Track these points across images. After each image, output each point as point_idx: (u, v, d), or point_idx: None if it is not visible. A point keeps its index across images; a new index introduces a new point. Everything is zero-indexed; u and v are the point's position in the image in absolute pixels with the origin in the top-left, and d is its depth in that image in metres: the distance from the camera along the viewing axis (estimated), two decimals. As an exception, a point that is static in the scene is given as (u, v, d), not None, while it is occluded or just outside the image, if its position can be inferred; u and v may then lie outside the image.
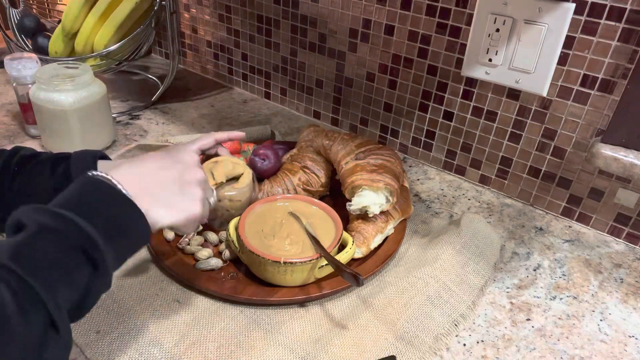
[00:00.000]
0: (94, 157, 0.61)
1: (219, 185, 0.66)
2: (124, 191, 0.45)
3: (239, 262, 0.65)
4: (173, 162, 0.52)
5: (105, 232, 0.42)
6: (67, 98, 0.82)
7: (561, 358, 0.57)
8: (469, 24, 0.78)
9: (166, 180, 0.50)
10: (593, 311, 0.63)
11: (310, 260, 0.59)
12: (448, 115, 0.87)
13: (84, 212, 0.41)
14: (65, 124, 0.83)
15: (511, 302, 0.64)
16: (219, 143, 0.68)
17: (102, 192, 0.44)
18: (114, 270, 0.44)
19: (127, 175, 0.47)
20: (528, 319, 0.61)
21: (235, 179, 0.68)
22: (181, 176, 0.52)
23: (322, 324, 0.58)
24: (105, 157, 0.62)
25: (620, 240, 0.76)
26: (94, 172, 0.45)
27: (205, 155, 0.75)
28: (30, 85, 0.87)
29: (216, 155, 0.68)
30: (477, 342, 0.58)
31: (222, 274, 0.64)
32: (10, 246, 0.38)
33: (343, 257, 0.62)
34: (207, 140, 0.65)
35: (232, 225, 0.65)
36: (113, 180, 0.45)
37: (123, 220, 0.44)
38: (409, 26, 0.85)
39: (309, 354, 0.54)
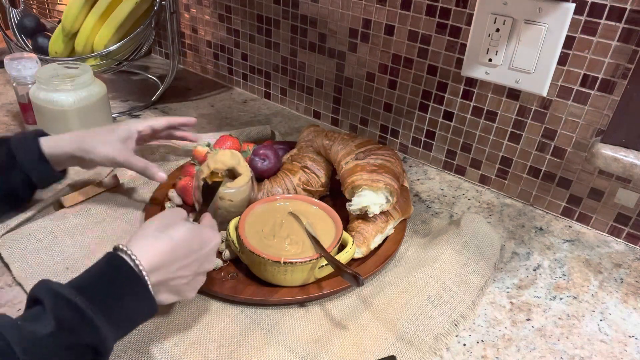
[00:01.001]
0: (34, 136, 0.66)
1: (220, 184, 0.66)
2: (145, 278, 0.46)
3: (239, 262, 0.65)
4: (199, 248, 0.52)
5: (118, 327, 0.45)
6: (67, 98, 0.82)
7: (561, 358, 0.57)
8: (469, 24, 0.78)
9: (185, 273, 0.51)
10: (593, 311, 0.63)
11: (310, 260, 0.59)
12: (448, 115, 0.87)
13: (103, 307, 0.44)
14: (65, 124, 0.83)
15: (511, 302, 0.64)
16: (172, 126, 0.77)
17: (124, 279, 0.46)
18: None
19: (153, 253, 0.48)
20: (528, 319, 0.61)
21: (235, 178, 0.68)
22: (199, 267, 0.53)
23: (322, 324, 0.58)
24: (44, 134, 0.67)
25: (620, 240, 0.76)
26: (122, 248, 0.47)
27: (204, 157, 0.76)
28: (30, 85, 0.87)
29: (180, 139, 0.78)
30: (477, 342, 0.58)
31: (222, 274, 0.64)
32: (26, 340, 0.40)
33: (343, 257, 0.62)
34: (159, 122, 0.74)
35: (232, 225, 0.65)
36: (139, 267, 0.46)
37: (137, 315, 0.48)
38: (409, 26, 0.85)
39: (309, 354, 0.54)
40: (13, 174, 0.65)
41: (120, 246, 0.47)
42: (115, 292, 0.45)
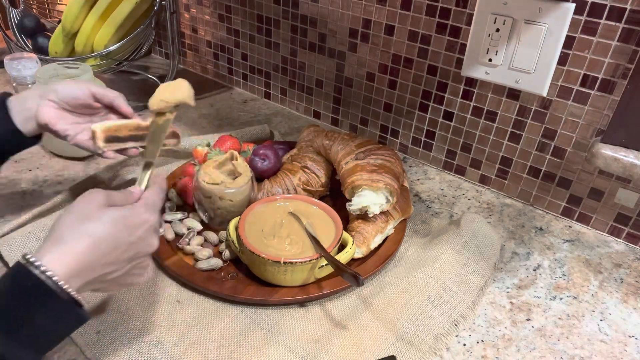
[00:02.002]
0: (2, 104, 0.61)
1: (219, 184, 0.66)
2: (63, 289, 0.41)
3: (239, 262, 0.65)
4: (128, 235, 0.46)
5: (35, 345, 0.41)
6: (67, 98, 0.81)
7: (561, 358, 0.57)
8: (469, 24, 0.78)
9: (117, 267, 0.46)
10: (593, 311, 0.63)
11: (310, 260, 0.59)
12: (448, 115, 0.87)
13: (9, 329, 0.39)
14: (65, 124, 0.83)
15: (511, 302, 0.64)
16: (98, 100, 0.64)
17: (34, 297, 0.41)
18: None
19: (70, 258, 0.42)
20: (528, 319, 0.61)
21: (235, 178, 0.68)
22: (136, 254, 0.48)
23: (322, 324, 0.58)
24: (8, 95, 0.62)
25: (620, 240, 0.76)
26: (30, 260, 0.41)
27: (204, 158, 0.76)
28: (30, 85, 0.87)
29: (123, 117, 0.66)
30: (477, 342, 0.58)
31: (222, 274, 0.64)
32: None
33: (343, 257, 0.62)
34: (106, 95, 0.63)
35: (232, 225, 0.65)
36: (52, 278, 0.41)
37: (60, 328, 0.43)
38: (409, 26, 0.85)
39: (309, 354, 0.54)
40: None
41: (28, 257, 0.41)
42: (24, 311, 0.40)
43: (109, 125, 0.62)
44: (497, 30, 0.74)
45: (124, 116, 0.66)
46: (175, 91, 0.63)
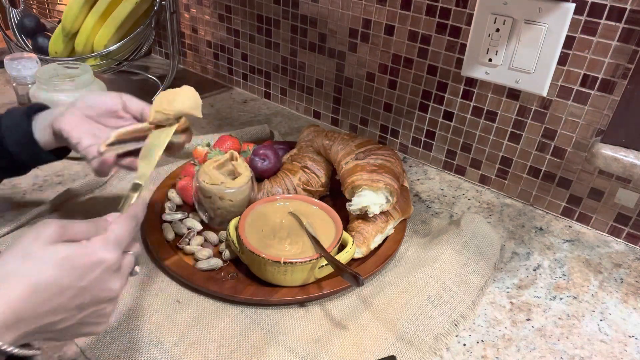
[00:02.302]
0: (26, 114, 0.56)
1: (219, 184, 0.66)
2: None
3: (239, 262, 0.65)
4: (78, 279, 0.39)
5: None
6: (67, 98, 0.82)
7: (561, 358, 0.57)
8: (469, 24, 0.78)
9: (68, 314, 0.39)
10: (593, 311, 0.63)
11: (310, 260, 0.59)
12: (448, 115, 0.87)
13: None
14: (65, 124, 0.83)
15: (511, 302, 0.64)
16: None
17: None
18: None
19: (2, 305, 0.35)
20: (528, 319, 0.61)
21: (235, 178, 0.68)
22: (91, 299, 0.40)
23: (322, 324, 0.58)
24: (42, 108, 0.58)
25: (620, 240, 0.76)
26: None
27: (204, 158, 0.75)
28: (30, 85, 0.87)
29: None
30: (477, 342, 0.58)
31: (222, 274, 0.64)
32: None
33: (343, 257, 0.62)
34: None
35: (232, 225, 0.65)
36: None
37: None
38: (409, 26, 0.85)
39: (309, 354, 0.54)
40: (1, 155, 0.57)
41: None
42: None
43: (125, 131, 0.55)
44: (497, 30, 0.74)
45: None
46: (175, 100, 0.56)
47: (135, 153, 0.56)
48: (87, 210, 0.73)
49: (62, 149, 0.60)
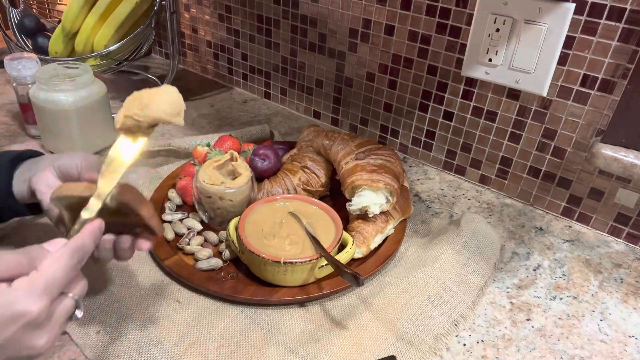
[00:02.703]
0: (12, 163, 0.53)
1: (219, 184, 0.66)
2: None
3: (239, 262, 0.65)
4: None
5: None
6: (67, 98, 0.82)
7: (561, 358, 0.57)
8: (469, 24, 0.78)
9: None
10: (593, 311, 0.63)
11: (310, 260, 0.59)
12: (448, 115, 0.87)
13: None
14: (65, 124, 0.83)
15: (511, 302, 0.64)
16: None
17: None
18: None
19: None
20: (528, 319, 0.61)
21: (234, 178, 0.68)
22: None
23: (322, 324, 0.58)
24: (33, 155, 0.54)
25: (620, 240, 0.76)
26: None
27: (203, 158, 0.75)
28: (30, 85, 0.87)
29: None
30: (477, 342, 0.58)
31: (222, 274, 0.64)
32: None
33: (343, 257, 0.62)
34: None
35: (232, 225, 0.65)
36: None
37: None
38: (409, 26, 0.85)
39: (308, 354, 0.54)
40: None
41: None
42: None
43: (66, 189, 0.45)
44: (497, 30, 0.74)
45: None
46: (151, 104, 0.43)
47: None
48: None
49: (37, 205, 0.55)
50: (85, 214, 0.41)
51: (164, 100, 0.44)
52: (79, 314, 0.39)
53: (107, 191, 0.43)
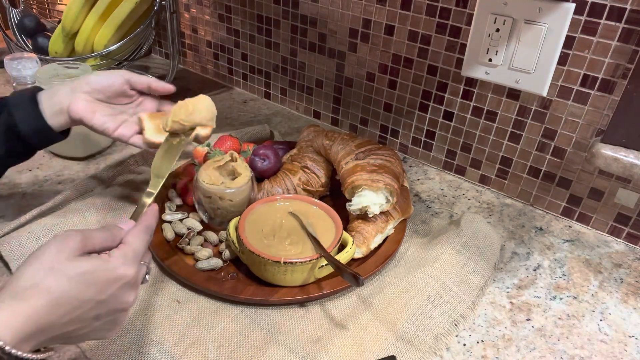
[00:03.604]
0: (31, 100, 0.59)
1: (219, 184, 0.66)
2: (12, 354, 0.35)
3: (239, 262, 0.65)
4: (97, 293, 0.40)
5: None
6: (67, 98, 0.81)
7: (561, 358, 0.57)
8: (469, 24, 0.78)
9: (83, 324, 0.40)
10: (593, 311, 0.63)
11: (310, 260, 0.59)
12: (448, 115, 0.87)
13: None
14: (65, 124, 0.83)
15: (511, 302, 0.64)
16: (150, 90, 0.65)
17: None
18: None
19: (21, 319, 0.36)
20: (528, 319, 0.61)
21: (234, 178, 0.68)
22: (107, 312, 0.42)
23: (322, 324, 0.58)
24: (39, 89, 0.60)
25: (620, 240, 0.76)
26: None
27: (204, 158, 0.75)
28: (30, 85, 0.87)
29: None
30: (477, 342, 0.58)
31: (222, 274, 0.64)
32: None
33: (343, 257, 0.62)
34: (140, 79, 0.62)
35: (232, 225, 0.65)
36: None
37: None
38: (409, 26, 0.85)
39: (308, 354, 0.54)
40: (9, 136, 0.59)
41: None
42: None
43: (156, 114, 0.61)
44: (497, 30, 0.74)
45: (162, 98, 0.66)
46: (194, 112, 0.60)
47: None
48: (85, 213, 0.73)
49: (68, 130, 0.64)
50: (147, 200, 0.52)
51: (203, 108, 0.60)
52: (147, 277, 0.48)
53: (158, 185, 0.55)
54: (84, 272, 0.40)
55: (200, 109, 0.60)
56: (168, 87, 0.64)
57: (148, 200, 0.52)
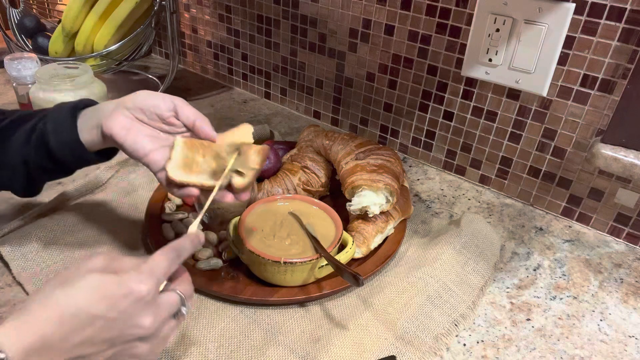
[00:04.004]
0: (71, 113, 0.52)
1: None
2: None
3: (239, 262, 0.65)
4: (108, 309, 0.37)
5: None
6: (67, 98, 0.81)
7: (561, 358, 0.57)
8: (469, 24, 0.78)
9: (95, 349, 0.37)
10: (593, 311, 0.63)
11: (310, 260, 0.59)
12: (448, 115, 0.87)
13: None
14: (65, 124, 0.83)
15: (511, 302, 0.64)
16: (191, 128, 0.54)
17: None
18: None
19: (29, 332, 0.34)
20: (528, 319, 0.61)
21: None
22: (118, 337, 0.38)
23: (322, 324, 0.58)
24: (89, 104, 0.54)
25: (620, 240, 0.76)
26: None
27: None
28: (30, 85, 0.87)
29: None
30: (477, 342, 0.58)
31: (222, 274, 0.64)
32: None
33: (343, 257, 0.62)
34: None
35: (232, 225, 0.65)
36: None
37: None
38: (409, 26, 0.85)
39: (309, 354, 0.54)
40: (43, 155, 0.54)
41: None
42: None
43: (195, 143, 0.52)
44: (497, 30, 0.74)
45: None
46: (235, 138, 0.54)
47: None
48: (85, 213, 0.73)
49: (110, 149, 0.56)
50: (192, 228, 0.47)
51: (244, 134, 0.55)
52: (184, 310, 0.43)
53: (207, 204, 0.50)
54: (94, 286, 0.37)
55: (240, 136, 0.54)
56: (210, 135, 0.53)
57: (192, 230, 0.47)
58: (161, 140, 0.52)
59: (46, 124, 0.53)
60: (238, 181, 0.51)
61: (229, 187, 0.51)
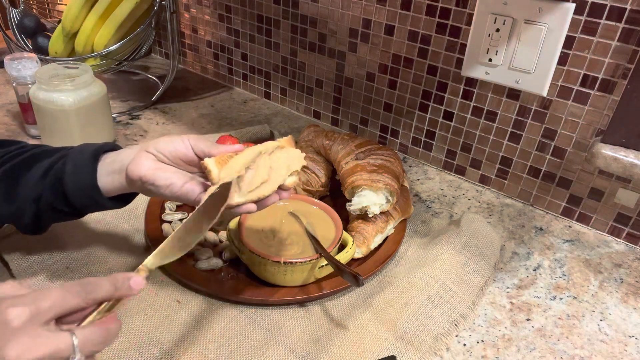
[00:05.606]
0: (94, 156, 0.53)
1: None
2: None
3: (239, 262, 0.65)
4: None
5: None
6: (67, 98, 0.82)
7: (561, 358, 0.57)
8: (469, 24, 0.78)
9: None
10: (593, 311, 0.63)
11: (310, 260, 0.59)
12: (448, 115, 0.87)
13: None
14: (65, 124, 0.83)
15: (511, 302, 0.64)
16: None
17: None
18: None
19: None
20: (528, 319, 0.61)
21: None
22: None
23: (322, 324, 0.58)
24: (112, 149, 0.54)
25: (620, 240, 0.76)
26: None
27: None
28: (30, 85, 0.87)
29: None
30: (477, 342, 0.58)
31: (222, 274, 0.64)
32: None
33: (343, 257, 0.62)
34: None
35: (232, 225, 0.65)
36: None
37: None
38: (409, 26, 0.85)
39: (309, 354, 0.54)
40: (57, 194, 0.53)
41: None
42: None
43: (223, 156, 0.50)
44: (497, 30, 0.74)
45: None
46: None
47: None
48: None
49: (125, 196, 0.56)
50: (142, 265, 0.42)
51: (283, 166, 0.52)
52: (76, 355, 0.36)
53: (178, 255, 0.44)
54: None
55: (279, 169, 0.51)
56: (233, 149, 0.53)
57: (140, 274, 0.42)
58: (185, 174, 0.52)
59: (65, 164, 0.53)
60: (290, 180, 0.51)
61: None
